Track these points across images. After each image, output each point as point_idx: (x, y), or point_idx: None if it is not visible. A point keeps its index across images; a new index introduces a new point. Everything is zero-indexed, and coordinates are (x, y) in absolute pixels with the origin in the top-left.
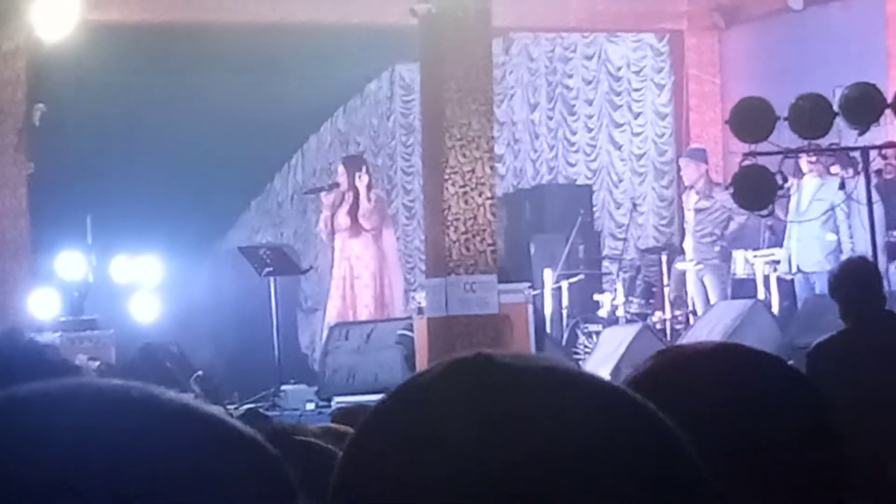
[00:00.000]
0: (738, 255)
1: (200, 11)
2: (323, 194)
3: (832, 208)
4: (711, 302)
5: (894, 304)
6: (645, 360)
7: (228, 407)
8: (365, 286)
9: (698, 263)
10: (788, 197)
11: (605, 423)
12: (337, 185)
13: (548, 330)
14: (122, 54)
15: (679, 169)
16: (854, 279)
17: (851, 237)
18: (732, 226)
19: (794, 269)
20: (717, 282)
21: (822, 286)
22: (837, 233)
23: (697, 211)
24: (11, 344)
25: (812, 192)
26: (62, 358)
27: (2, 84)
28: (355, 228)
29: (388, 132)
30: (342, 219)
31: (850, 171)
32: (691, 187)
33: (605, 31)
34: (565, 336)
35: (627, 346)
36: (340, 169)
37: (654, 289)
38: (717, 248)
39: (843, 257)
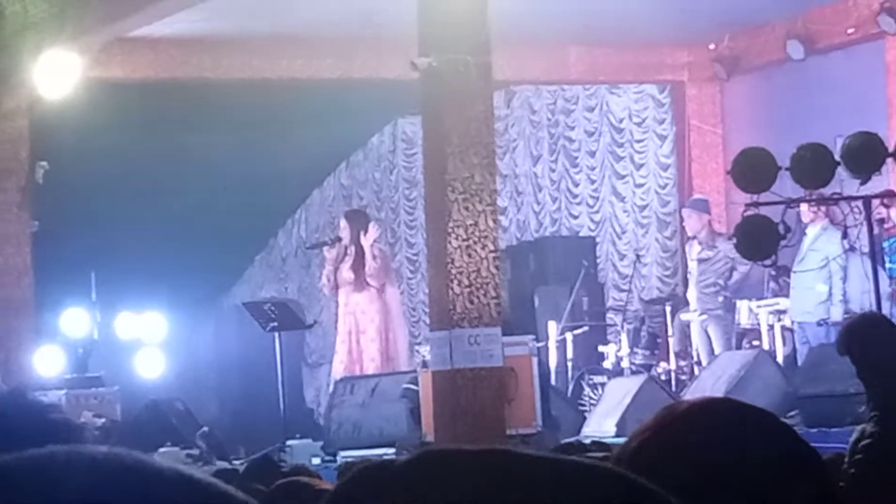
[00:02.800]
0: (743, 305)
1: (202, 68)
2: (325, 249)
3: (828, 260)
4: (716, 352)
5: None
6: (651, 418)
7: (234, 462)
8: (371, 340)
9: (702, 314)
10: (790, 247)
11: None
12: (339, 239)
13: (553, 382)
14: (124, 111)
15: (682, 219)
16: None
17: (844, 290)
18: (735, 276)
19: (789, 320)
20: (721, 332)
21: (815, 337)
22: (830, 284)
23: (700, 261)
24: (15, 404)
25: (810, 242)
26: (66, 418)
27: (5, 142)
28: (359, 283)
29: (391, 186)
30: (346, 273)
31: (852, 221)
32: (694, 238)
33: (607, 82)
34: (570, 388)
35: (633, 398)
36: (343, 223)
37: (658, 340)
38: (720, 299)
39: (833, 309)
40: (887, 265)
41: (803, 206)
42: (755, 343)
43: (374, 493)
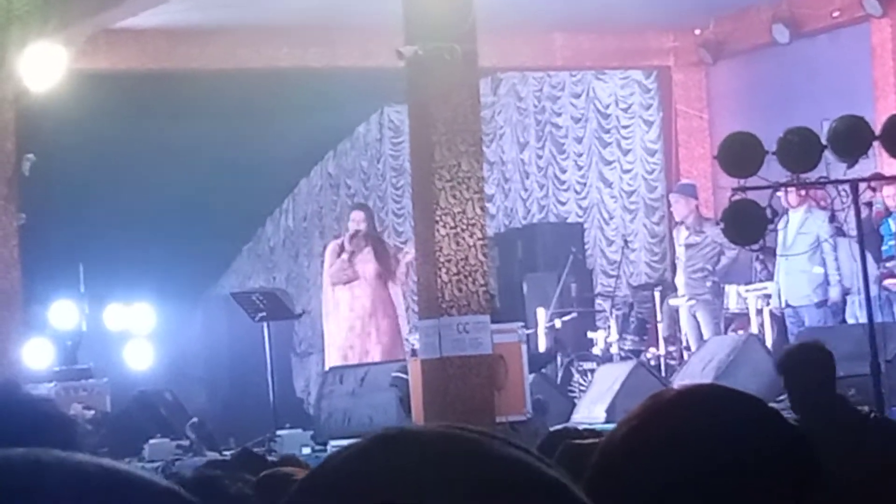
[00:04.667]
0: (731, 290)
1: (187, 59)
2: (335, 242)
3: (818, 242)
4: (705, 337)
5: (891, 337)
6: (638, 406)
7: (224, 453)
8: (384, 333)
9: (690, 299)
10: (776, 231)
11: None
12: (357, 232)
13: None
14: (111, 103)
15: (669, 205)
16: (807, 365)
17: (838, 270)
18: (723, 260)
19: (783, 304)
20: (709, 317)
21: (811, 319)
22: (824, 266)
23: (688, 246)
24: (6, 398)
25: (797, 226)
26: (59, 411)
27: None
28: (378, 275)
29: (378, 174)
30: (367, 266)
31: (839, 204)
32: (682, 223)
33: (593, 68)
34: (560, 374)
35: (622, 384)
36: (360, 215)
37: (647, 325)
38: (708, 284)
39: (831, 290)
40: (884, 246)
41: (790, 191)
42: (743, 328)
43: (335, 477)
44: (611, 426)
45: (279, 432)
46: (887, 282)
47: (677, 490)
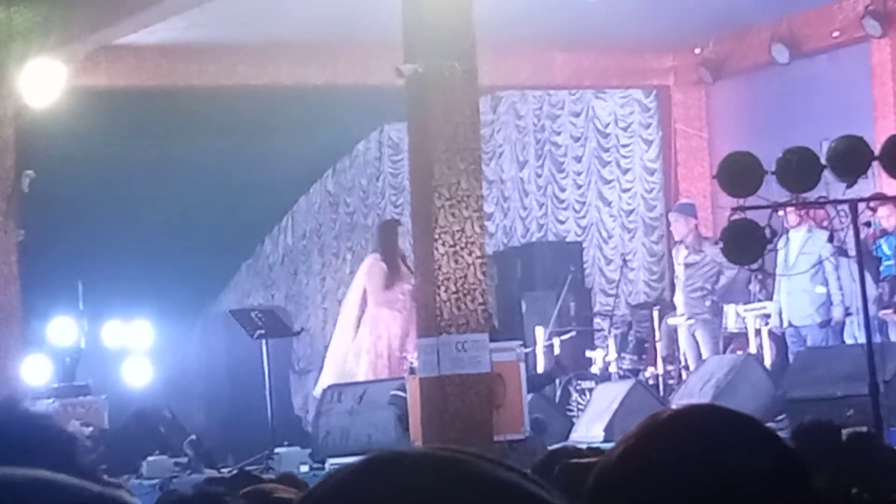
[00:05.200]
0: (730, 310)
1: (187, 76)
2: (380, 262)
3: (820, 261)
4: (703, 356)
5: (889, 357)
6: (636, 426)
7: (222, 470)
8: (409, 353)
9: (689, 318)
10: (776, 251)
11: None
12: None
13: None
14: (110, 119)
15: (669, 224)
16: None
17: (841, 289)
18: (722, 280)
19: (784, 323)
20: (708, 336)
21: (813, 339)
22: (827, 285)
23: (687, 265)
24: (6, 415)
25: (799, 246)
26: (60, 428)
27: None
28: (412, 295)
29: (377, 192)
30: (406, 285)
31: (838, 224)
32: (681, 242)
33: (592, 87)
34: (558, 393)
35: (620, 403)
36: (401, 228)
37: (645, 344)
38: (707, 303)
39: (834, 309)
40: (883, 265)
41: (789, 210)
42: (742, 348)
43: (330, 499)
44: (609, 445)
45: (277, 450)
46: (883, 313)
47: None
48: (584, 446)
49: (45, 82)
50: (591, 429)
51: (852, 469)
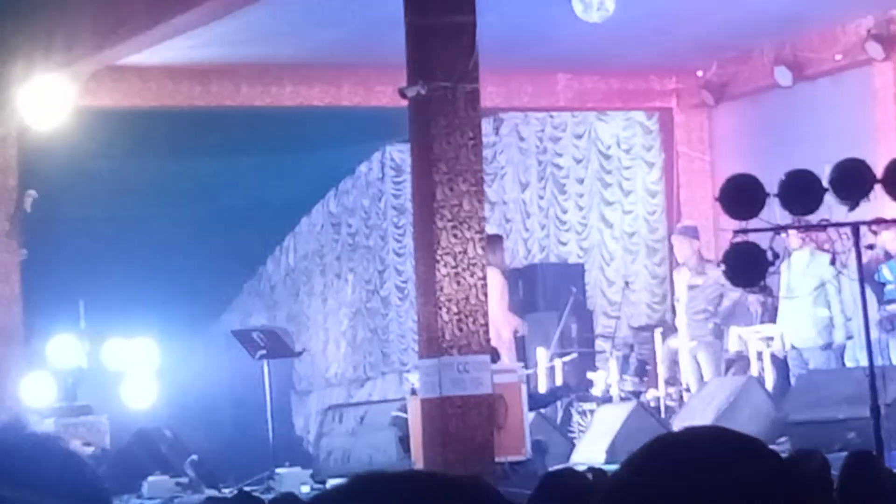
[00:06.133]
0: (732, 332)
1: (190, 97)
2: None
3: (822, 284)
4: (705, 379)
5: (891, 380)
6: (640, 448)
7: (223, 491)
8: None
9: (692, 340)
10: (779, 274)
11: None
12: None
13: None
14: (114, 139)
15: (671, 246)
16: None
17: (843, 312)
18: (726, 302)
19: (787, 346)
20: (711, 358)
21: (815, 362)
22: (829, 308)
23: (690, 288)
24: (13, 435)
25: (802, 269)
26: (65, 448)
27: None
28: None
29: (379, 213)
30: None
31: (841, 247)
32: (683, 264)
33: (595, 109)
34: (560, 414)
35: (622, 424)
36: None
37: (647, 366)
38: (710, 325)
39: (836, 332)
40: (887, 288)
41: (791, 233)
42: (743, 370)
43: None
44: (611, 467)
45: (278, 470)
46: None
47: None
48: (584, 468)
49: (49, 102)
50: (592, 450)
51: (853, 491)
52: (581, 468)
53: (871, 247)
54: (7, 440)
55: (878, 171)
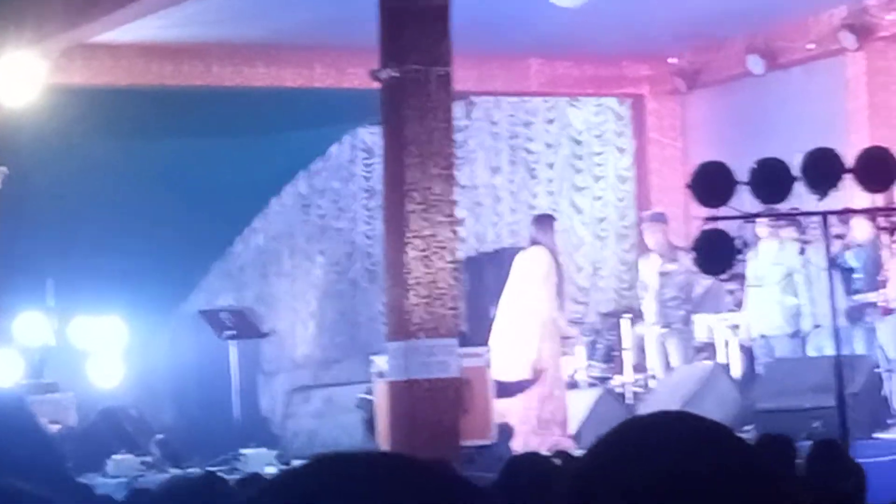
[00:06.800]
0: (699, 320)
1: (161, 76)
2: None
3: (790, 273)
4: (673, 365)
5: (856, 370)
6: (608, 432)
7: (188, 470)
8: None
9: (663, 327)
10: (745, 261)
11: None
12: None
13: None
14: (84, 117)
15: (641, 233)
16: None
17: (811, 301)
18: (698, 289)
19: (753, 334)
20: (680, 346)
21: (782, 350)
22: (797, 297)
23: (662, 275)
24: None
25: (771, 257)
26: (33, 423)
27: None
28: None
29: (349, 195)
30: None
31: (808, 236)
32: (654, 251)
33: (567, 95)
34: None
35: (590, 411)
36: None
37: (614, 353)
38: (681, 312)
39: (804, 321)
40: (854, 276)
41: (760, 221)
42: (710, 358)
43: (272, 495)
44: (578, 452)
45: (244, 451)
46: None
47: None
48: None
49: (20, 79)
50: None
51: (819, 478)
52: (546, 454)
53: (840, 236)
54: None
55: (849, 161)
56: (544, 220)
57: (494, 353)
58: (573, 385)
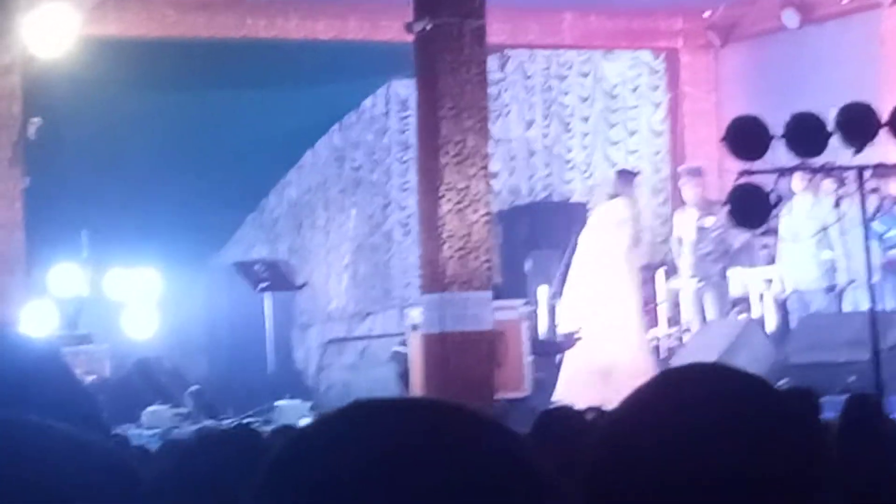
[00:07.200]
0: (734, 274)
1: (195, 27)
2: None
3: (825, 227)
4: (709, 319)
5: (891, 324)
6: (642, 384)
7: (223, 422)
8: None
9: (700, 281)
10: (779, 216)
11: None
12: None
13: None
14: (118, 69)
15: (674, 186)
16: None
17: (847, 255)
18: (736, 244)
19: (788, 289)
20: (717, 300)
21: (817, 305)
22: (832, 251)
23: (699, 229)
24: (16, 353)
25: (805, 212)
26: (68, 370)
27: None
28: None
29: (383, 148)
30: None
31: (844, 191)
32: (692, 205)
33: (601, 48)
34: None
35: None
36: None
37: (648, 306)
38: (718, 266)
39: (839, 275)
40: (886, 235)
41: (795, 176)
42: (745, 312)
43: (307, 445)
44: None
45: (278, 403)
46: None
47: (683, 465)
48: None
49: (53, 30)
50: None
51: (854, 433)
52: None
53: (875, 190)
54: (9, 359)
55: (884, 116)
56: (626, 176)
57: (569, 306)
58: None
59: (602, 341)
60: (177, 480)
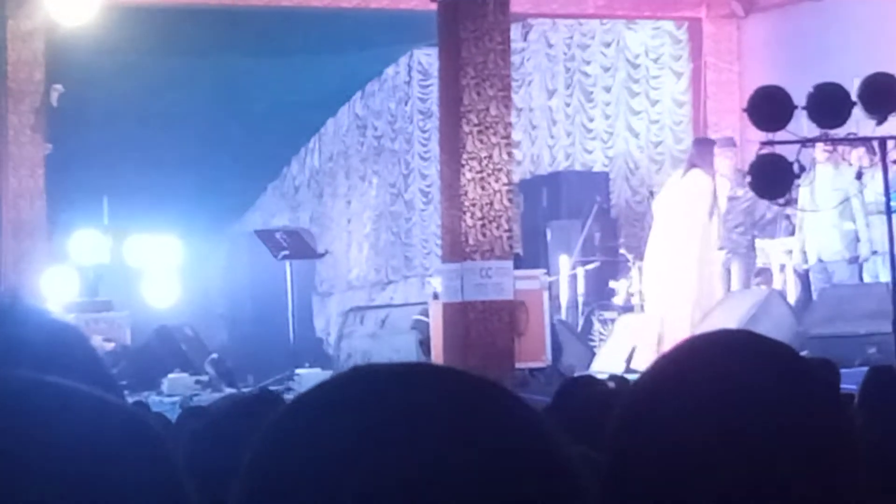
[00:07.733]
0: (758, 244)
1: None
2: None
3: (847, 198)
4: (733, 289)
5: None
6: (667, 351)
7: (243, 389)
8: None
9: (729, 252)
10: (799, 187)
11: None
12: None
13: (563, 316)
14: (141, 36)
15: None
16: None
17: (868, 226)
18: (768, 214)
19: (809, 260)
20: (743, 270)
21: (840, 276)
22: (854, 222)
23: (730, 199)
24: (22, 313)
25: (828, 182)
26: (80, 335)
27: (19, 65)
28: None
29: (405, 117)
30: None
31: (867, 161)
32: (723, 175)
33: (624, 18)
34: (580, 323)
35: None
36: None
37: None
38: (748, 237)
39: (861, 246)
40: None
41: (817, 146)
42: (767, 283)
43: (309, 412)
44: (631, 376)
45: (298, 371)
46: None
47: (710, 431)
48: (605, 377)
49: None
50: (612, 359)
51: (874, 404)
52: (602, 376)
53: None
54: (24, 325)
55: None
56: (704, 144)
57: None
58: (628, 308)
59: (663, 313)
60: (205, 443)
